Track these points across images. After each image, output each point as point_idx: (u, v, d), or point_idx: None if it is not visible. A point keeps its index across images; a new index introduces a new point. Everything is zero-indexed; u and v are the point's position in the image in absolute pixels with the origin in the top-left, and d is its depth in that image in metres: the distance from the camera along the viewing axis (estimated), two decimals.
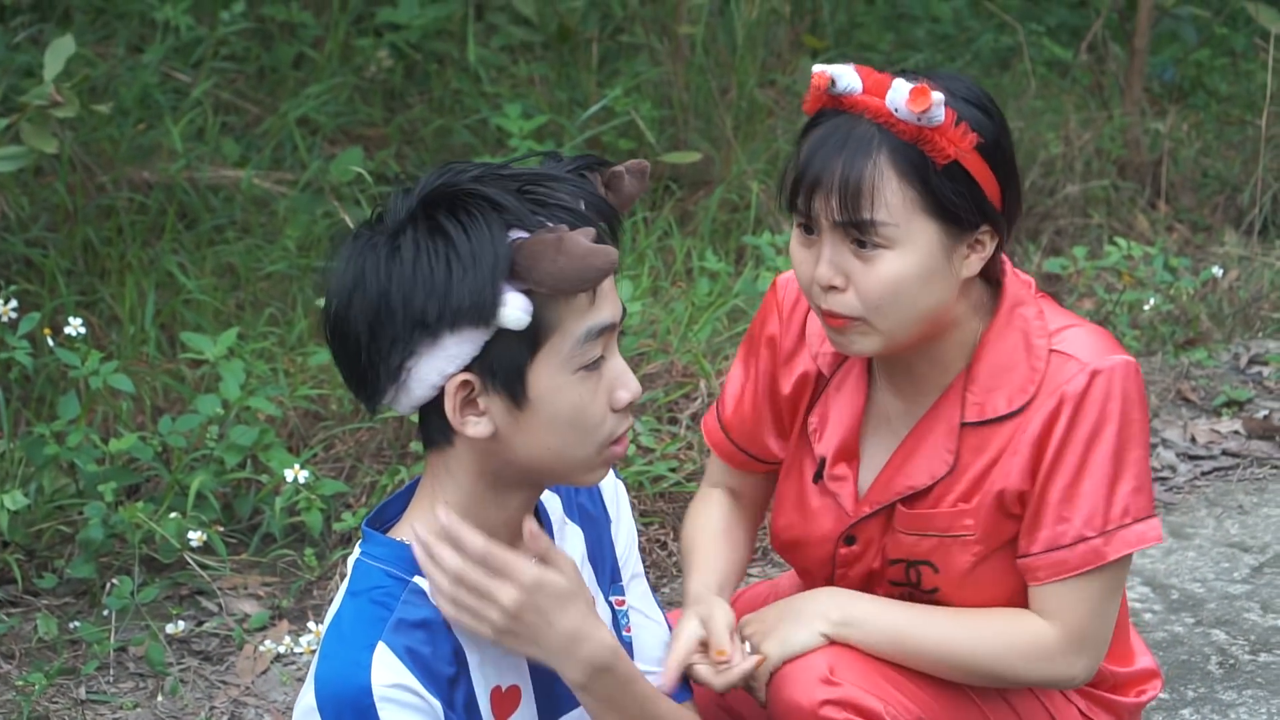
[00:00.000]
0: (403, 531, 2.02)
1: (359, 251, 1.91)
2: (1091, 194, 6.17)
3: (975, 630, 2.31)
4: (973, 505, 2.31)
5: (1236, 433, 4.33)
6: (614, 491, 2.20)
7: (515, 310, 1.85)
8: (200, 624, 3.45)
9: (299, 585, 3.54)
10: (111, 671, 3.30)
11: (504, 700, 2.03)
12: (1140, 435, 2.30)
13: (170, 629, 3.32)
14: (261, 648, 3.28)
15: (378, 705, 1.89)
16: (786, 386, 2.47)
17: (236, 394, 3.64)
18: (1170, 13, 6.60)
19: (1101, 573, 2.29)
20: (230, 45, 5.73)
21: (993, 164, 2.25)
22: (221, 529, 3.50)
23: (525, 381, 1.89)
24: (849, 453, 2.41)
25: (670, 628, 2.23)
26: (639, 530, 3.73)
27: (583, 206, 1.91)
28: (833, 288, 2.24)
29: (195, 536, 3.38)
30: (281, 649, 3.26)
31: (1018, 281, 2.36)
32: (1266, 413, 4.44)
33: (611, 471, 2.19)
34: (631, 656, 2.12)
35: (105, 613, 3.38)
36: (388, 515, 2.07)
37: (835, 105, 2.24)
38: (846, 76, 2.22)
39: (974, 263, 2.28)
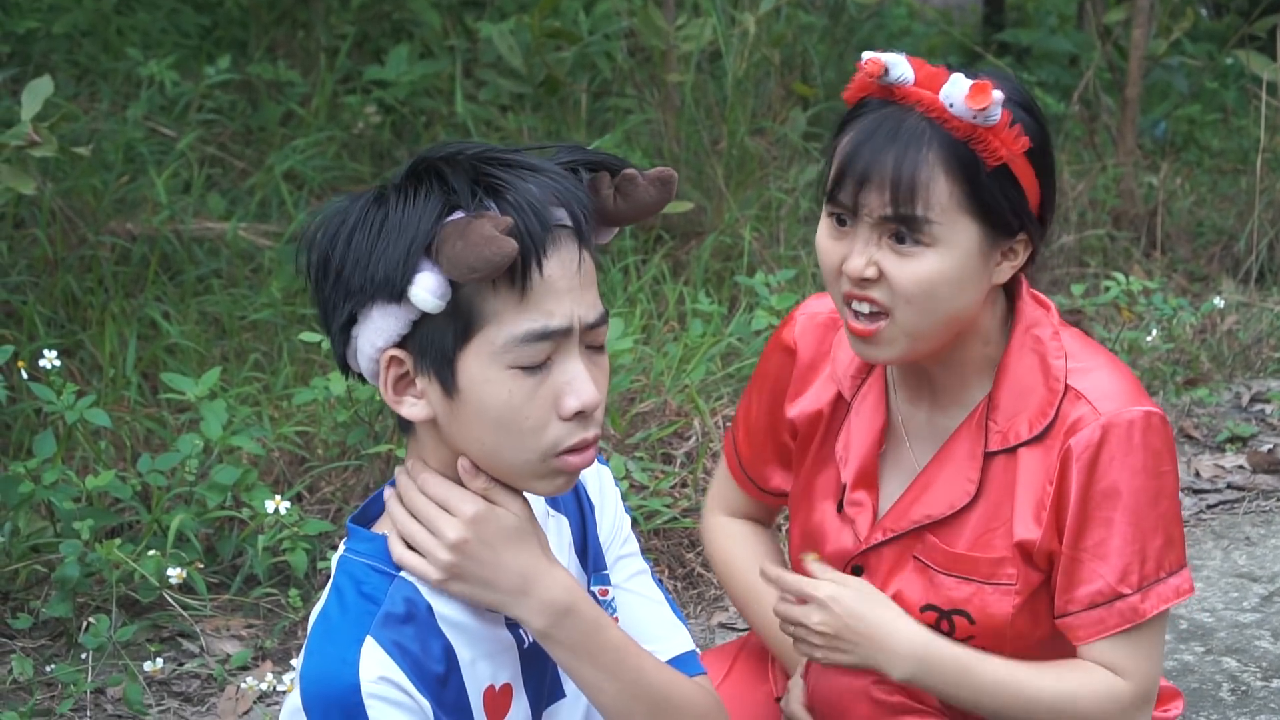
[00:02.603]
0: (386, 526, 1.94)
1: (324, 214, 1.87)
2: (1087, 243, 6.12)
3: (1057, 687, 2.23)
4: (1010, 553, 2.23)
5: (1241, 467, 4.25)
6: (597, 479, 2.11)
7: (423, 290, 1.78)
8: (180, 665, 3.34)
9: (283, 625, 3.44)
10: (89, 713, 3.19)
11: (497, 700, 1.94)
12: (1168, 487, 2.21)
13: (149, 667, 3.21)
14: (243, 685, 3.18)
15: (365, 703, 1.81)
16: (794, 410, 2.39)
17: (218, 433, 3.55)
18: (1161, 63, 6.57)
19: (1150, 626, 2.22)
20: (216, 99, 5.70)
21: (1038, 170, 2.17)
22: (202, 568, 3.40)
23: (454, 369, 1.82)
24: (868, 479, 2.33)
25: (679, 613, 2.14)
26: None
27: (551, 200, 1.82)
28: (865, 279, 2.16)
29: (175, 574, 3.28)
30: (264, 687, 3.15)
31: (1033, 302, 2.28)
32: (1271, 446, 4.36)
33: (596, 459, 2.11)
34: None
35: (83, 656, 3.28)
36: (372, 513, 2.00)
37: (884, 95, 2.15)
38: (900, 66, 2.13)
39: (1005, 270, 2.19)
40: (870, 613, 2.22)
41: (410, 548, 1.90)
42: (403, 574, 1.90)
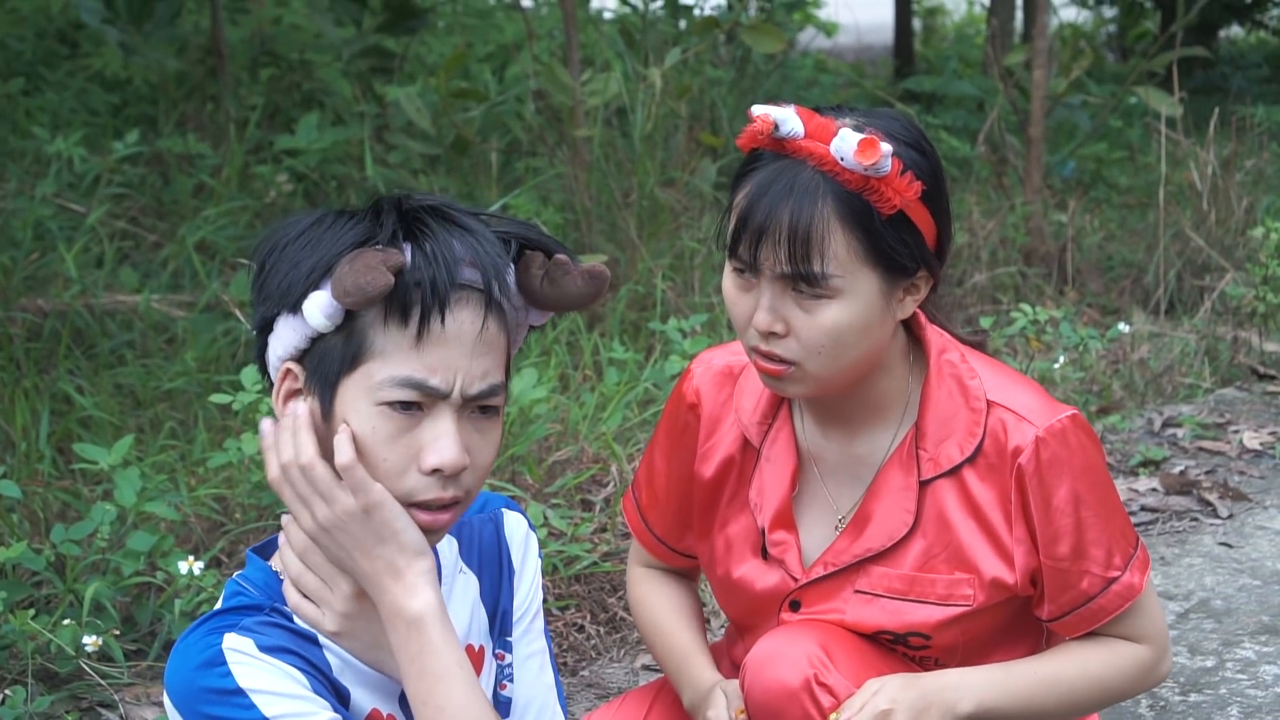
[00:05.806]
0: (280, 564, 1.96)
1: (283, 223, 1.92)
2: (999, 281, 6.20)
3: (1090, 677, 2.30)
4: (965, 575, 2.27)
5: (1154, 490, 4.30)
6: (524, 544, 2.12)
7: (313, 306, 1.82)
8: None
9: None
10: None
11: None
12: (1106, 473, 2.30)
13: None
14: None
15: (230, 665, 1.83)
16: (706, 467, 2.41)
17: (132, 499, 3.52)
18: (1063, 102, 6.68)
19: (1144, 592, 2.32)
20: (125, 174, 5.69)
21: (933, 210, 2.19)
22: (119, 635, 3.37)
23: (334, 394, 1.86)
24: (785, 519, 2.35)
25: (563, 700, 2.14)
26: (555, 613, 3.65)
27: (466, 259, 1.84)
28: (772, 333, 2.19)
29: (90, 641, 3.24)
30: None
31: (935, 331, 2.32)
32: (1182, 469, 4.41)
33: (526, 524, 2.13)
34: (505, 715, 2.04)
35: None
36: (273, 547, 2.00)
37: (776, 148, 2.17)
38: (790, 121, 2.14)
39: (909, 304, 2.23)
40: (922, 694, 2.24)
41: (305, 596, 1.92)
42: (279, 606, 1.92)
